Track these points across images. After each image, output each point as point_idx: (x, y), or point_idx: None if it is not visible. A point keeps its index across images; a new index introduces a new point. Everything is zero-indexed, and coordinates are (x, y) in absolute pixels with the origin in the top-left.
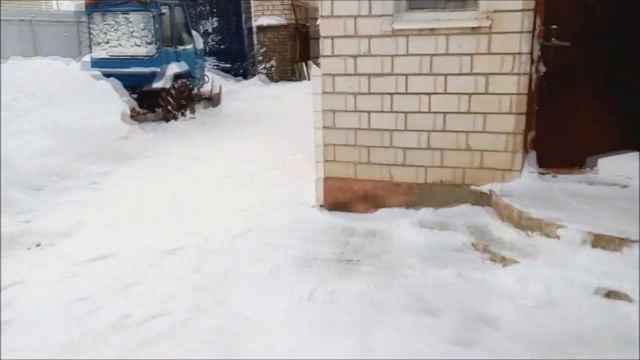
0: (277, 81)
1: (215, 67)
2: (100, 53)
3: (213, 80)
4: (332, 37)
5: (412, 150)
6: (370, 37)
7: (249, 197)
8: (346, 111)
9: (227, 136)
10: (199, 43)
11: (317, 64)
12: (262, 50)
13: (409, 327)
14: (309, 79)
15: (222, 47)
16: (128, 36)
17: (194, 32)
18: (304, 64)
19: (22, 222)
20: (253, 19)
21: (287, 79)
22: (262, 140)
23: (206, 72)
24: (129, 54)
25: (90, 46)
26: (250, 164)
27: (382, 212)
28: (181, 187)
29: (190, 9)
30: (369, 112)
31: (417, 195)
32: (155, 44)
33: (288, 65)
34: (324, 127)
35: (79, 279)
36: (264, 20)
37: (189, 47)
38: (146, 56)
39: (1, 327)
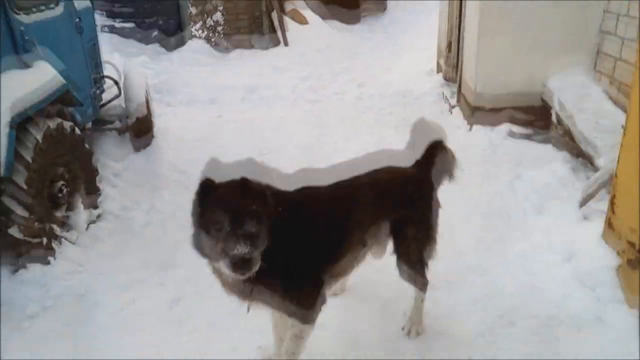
0: (228, 50)
1: (105, 30)
2: None
3: (128, 79)
4: None
5: None
6: None
7: None
8: None
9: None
10: None
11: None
12: None
13: None
14: (285, 44)
15: None
16: None
17: None
18: (275, 18)
19: None
20: None
21: (246, 45)
22: None
23: (107, 62)
24: None
25: None
26: None
27: None
28: None
29: None
30: None
31: None
32: None
33: (244, 19)
34: None
35: None
36: None
37: (57, 10)
38: None
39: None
